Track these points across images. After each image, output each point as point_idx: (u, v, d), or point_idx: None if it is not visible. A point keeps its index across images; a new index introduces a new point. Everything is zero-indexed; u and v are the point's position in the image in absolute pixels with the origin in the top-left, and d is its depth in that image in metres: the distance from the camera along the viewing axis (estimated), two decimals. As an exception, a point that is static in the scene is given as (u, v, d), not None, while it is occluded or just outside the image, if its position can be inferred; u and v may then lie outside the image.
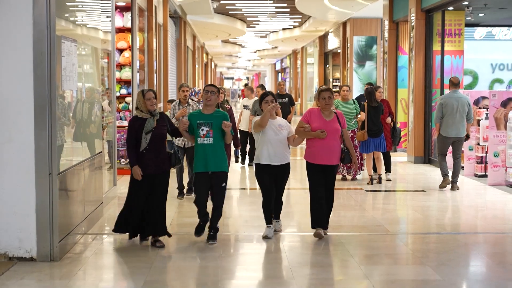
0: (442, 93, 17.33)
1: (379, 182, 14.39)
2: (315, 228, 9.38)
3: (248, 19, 34.41)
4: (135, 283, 7.40)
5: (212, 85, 9.43)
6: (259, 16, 33.18)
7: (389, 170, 15.06)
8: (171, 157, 9.09)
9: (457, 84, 14.01)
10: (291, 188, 13.26)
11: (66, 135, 8.87)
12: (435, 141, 16.76)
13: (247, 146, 17.74)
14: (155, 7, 18.28)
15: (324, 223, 9.43)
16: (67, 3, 9.30)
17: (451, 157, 14.11)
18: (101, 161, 10.84)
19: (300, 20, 34.92)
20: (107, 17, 11.96)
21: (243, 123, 17.49)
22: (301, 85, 46.65)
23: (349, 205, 12.09)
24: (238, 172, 16.69)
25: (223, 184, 9.10)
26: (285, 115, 16.93)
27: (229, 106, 12.96)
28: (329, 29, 34.23)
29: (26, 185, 8.07)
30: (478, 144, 15.38)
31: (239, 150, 12.55)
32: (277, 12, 31.80)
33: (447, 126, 13.76)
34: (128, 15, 15.49)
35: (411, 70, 18.94)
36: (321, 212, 9.35)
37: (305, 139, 9.55)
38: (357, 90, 26.74)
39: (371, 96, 14.31)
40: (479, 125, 15.34)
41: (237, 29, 35.14)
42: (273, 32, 41.73)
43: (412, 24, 18.73)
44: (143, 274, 7.65)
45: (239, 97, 66.57)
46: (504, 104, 14.66)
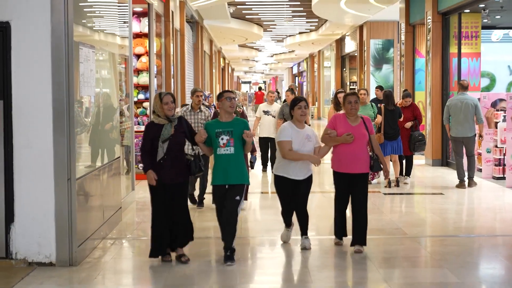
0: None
1: (396, 185, 14.36)
2: (337, 238, 9.16)
3: (264, 23, 34.44)
4: (154, 287, 7.43)
5: (229, 90, 8.86)
6: (275, 20, 33.19)
7: (408, 174, 15.03)
8: (191, 165, 8.44)
9: (466, 87, 14.68)
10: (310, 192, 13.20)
11: (84, 141, 8.92)
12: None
13: (269, 153, 16.93)
14: (172, 12, 18.35)
15: (345, 232, 9.12)
16: (85, 9, 9.36)
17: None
18: (119, 166, 10.88)
19: (316, 24, 34.91)
20: (124, 22, 12.02)
21: (263, 129, 16.64)
22: (318, 88, 46.62)
23: (367, 208, 12.06)
24: (259, 175, 16.68)
25: (237, 197, 8.29)
26: None
27: (241, 110, 12.35)
28: (345, 33, 34.21)
29: (45, 191, 8.13)
30: (496, 146, 15.32)
31: (255, 156, 11.79)
32: (293, 16, 31.80)
33: (453, 127, 14.51)
34: (145, 20, 15.56)
35: (428, 72, 18.90)
36: (343, 223, 9.07)
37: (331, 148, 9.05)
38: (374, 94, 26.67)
39: (388, 99, 14.31)
40: (496, 127, 15.28)
41: (254, 33, 35.18)
42: (290, 36, 41.74)
43: (429, 27, 18.69)
44: (162, 278, 7.68)
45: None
46: None
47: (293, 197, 8.93)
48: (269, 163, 16.95)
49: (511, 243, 9.72)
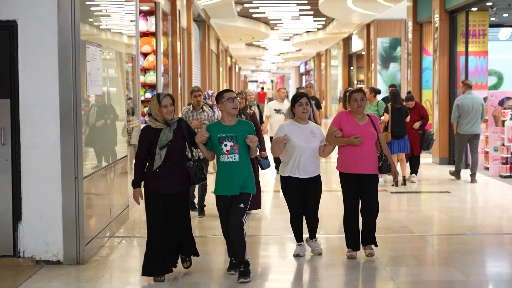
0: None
1: (403, 183, 14.35)
2: (349, 248, 8.53)
3: (271, 22, 34.42)
4: (161, 285, 7.44)
5: (230, 90, 7.81)
6: (282, 18, 33.19)
7: (415, 172, 15.02)
8: (190, 173, 7.60)
9: (471, 86, 15.39)
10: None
11: (91, 139, 8.93)
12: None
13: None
14: (179, 11, 18.35)
15: (358, 244, 8.52)
16: (91, 8, 9.37)
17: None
18: (126, 165, 10.90)
19: (323, 23, 34.88)
20: (131, 21, 12.03)
21: (274, 129, 14.92)
22: (325, 87, 46.61)
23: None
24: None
25: (241, 205, 7.47)
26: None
27: (251, 112, 11.36)
28: (353, 31, 34.19)
29: (53, 189, 8.15)
30: (503, 144, 15.31)
31: (269, 162, 10.69)
32: (300, 15, 31.78)
33: (463, 125, 15.00)
34: (152, 19, 15.56)
35: (436, 71, 18.87)
36: (355, 231, 8.48)
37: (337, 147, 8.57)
38: (384, 93, 26.66)
39: (395, 98, 14.30)
40: (504, 126, 15.27)
41: (261, 32, 35.16)
42: (297, 34, 41.71)
43: (436, 25, 18.66)
44: (169, 276, 7.68)
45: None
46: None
47: (303, 199, 8.38)
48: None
49: (518, 241, 9.73)
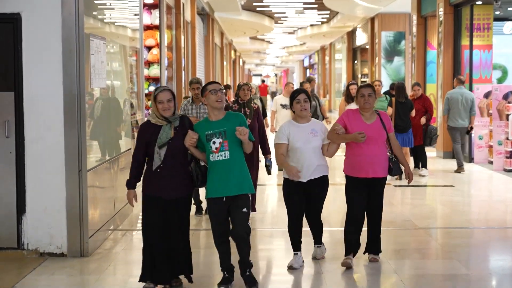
0: (470, 88, 17.25)
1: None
2: (346, 255, 7.90)
3: (275, 15, 34.39)
4: (164, 278, 7.44)
5: (214, 82, 7.14)
6: (286, 12, 33.15)
7: (424, 166, 14.99)
8: (193, 175, 6.92)
9: (463, 81, 15.96)
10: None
11: (95, 132, 8.94)
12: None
13: None
14: (183, 4, 18.35)
15: (357, 249, 8.00)
16: (95, 1, 9.37)
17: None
18: (130, 158, 10.88)
19: (328, 16, 34.84)
20: (135, 14, 12.03)
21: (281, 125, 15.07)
22: (330, 81, 46.60)
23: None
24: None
25: (244, 209, 6.80)
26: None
27: (256, 106, 10.59)
28: (357, 25, 34.15)
29: (56, 182, 8.17)
30: (507, 138, 15.30)
31: (271, 160, 10.12)
32: (304, 8, 31.74)
33: (452, 117, 15.57)
34: (156, 12, 15.57)
35: (440, 65, 18.85)
36: (355, 237, 7.90)
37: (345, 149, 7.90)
38: (386, 86, 26.65)
39: (399, 91, 14.29)
40: (508, 120, 15.25)
41: (265, 25, 35.13)
42: (301, 28, 41.67)
43: (441, 19, 18.63)
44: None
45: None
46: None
47: (305, 203, 7.72)
48: None
49: (522, 235, 9.73)
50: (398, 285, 7.24)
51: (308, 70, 68.21)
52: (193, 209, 10.15)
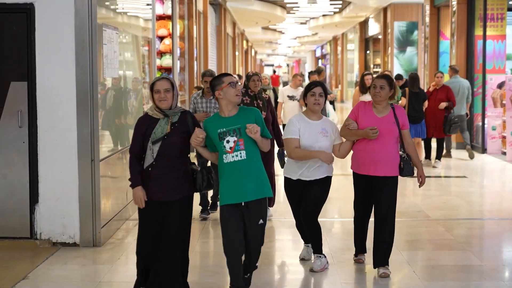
0: (483, 78, 17.19)
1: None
2: (356, 255, 7.72)
3: (288, 5, 34.32)
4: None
5: (229, 74, 6.35)
6: (299, 2, 33.07)
7: (439, 158, 14.93)
8: (197, 178, 6.21)
9: (458, 71, 16.38)
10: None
11: (108, 122, 8.95)
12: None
13: None
14: (195, -6, 18.35)
15: (364, 248, 7.67)
16: (108, -9, 9.38)
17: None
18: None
19: (340, 6, 34.75)
20: (148, 4, 12.02)
21: (287, 116, 14.21)
22: (342, 71, 46.52)
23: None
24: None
25: (260, 221, 6.17)
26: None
27: (267, 96, 9.81)
28: (369, 15, 34.05)
29: (69, 172, 8.19)
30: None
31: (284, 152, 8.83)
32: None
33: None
34: (168, 2, 15.56)
35: (453, 55, 18.77)
36: (362, 236, 7.62)
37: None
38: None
39: (413, 82, 14.25)
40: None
41: (277, 15, 35.05)
42: (313, 18, 41.58)
43: (454, 9, 18.55)
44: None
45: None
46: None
47: (305, 200, 7.28)
48: None
49: (535, 226, 9.69)
50: (411, 276, 7.22)
51: (320, 60, 68.11)
52: (197, 210, 9.37)
